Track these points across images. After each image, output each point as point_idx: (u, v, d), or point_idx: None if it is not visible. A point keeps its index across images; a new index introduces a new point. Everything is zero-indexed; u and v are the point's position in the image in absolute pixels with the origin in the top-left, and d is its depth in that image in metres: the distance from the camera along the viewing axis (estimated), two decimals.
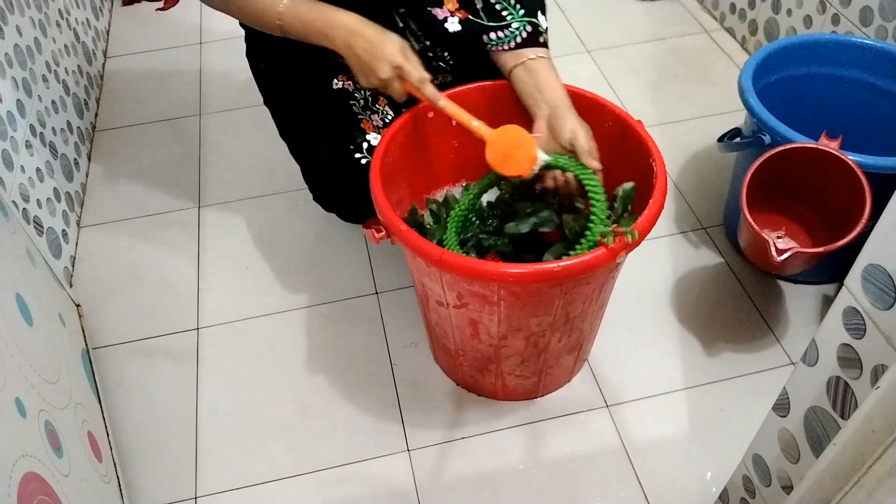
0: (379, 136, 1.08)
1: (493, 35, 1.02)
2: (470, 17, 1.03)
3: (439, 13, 1.04)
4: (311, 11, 0.98)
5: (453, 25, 1.04)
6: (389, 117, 1.12)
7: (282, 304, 1.32)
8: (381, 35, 0.96)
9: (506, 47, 1.02)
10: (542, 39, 1.04)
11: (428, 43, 1.10)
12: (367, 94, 1.12)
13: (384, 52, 0.95)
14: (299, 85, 1.12)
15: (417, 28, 1.08)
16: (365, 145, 1.09)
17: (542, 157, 0.97)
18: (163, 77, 1.85)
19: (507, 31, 1.02)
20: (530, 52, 1.02)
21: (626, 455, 1.10)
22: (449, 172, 1.14)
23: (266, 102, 1.20)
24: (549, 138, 0.99)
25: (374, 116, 1.11)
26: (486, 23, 1.03)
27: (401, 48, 0.96)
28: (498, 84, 1.07)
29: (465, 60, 1.12)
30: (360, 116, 1.10)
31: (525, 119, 1.06)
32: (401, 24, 1.07)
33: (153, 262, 1.41)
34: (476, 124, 0.98)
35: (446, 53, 1.11)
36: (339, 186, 1.12)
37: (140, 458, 1.13)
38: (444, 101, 0.97)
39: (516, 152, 0.97)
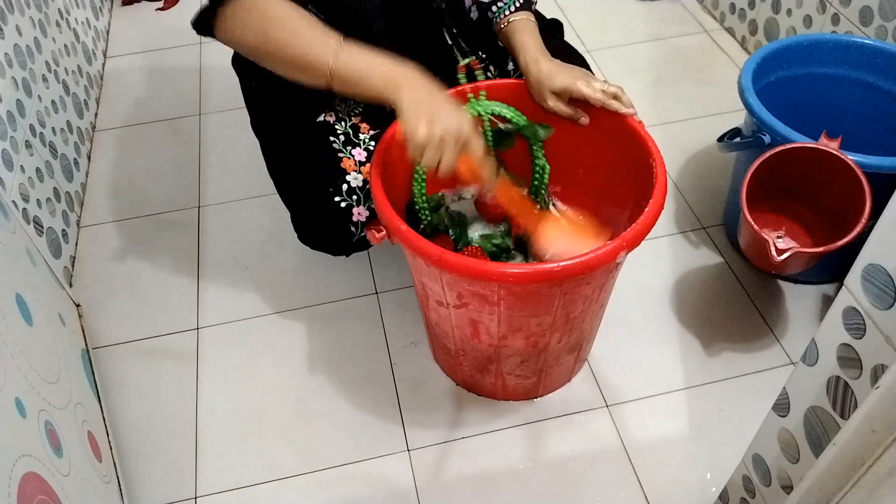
0: (360, 174, 1.05)
1: (494, 7, 1.05)
2: None
3: (467, 2, 1.06)
4: (371, 58, 0.90)
5: (473, 13, 1.06)
6: (372, 145, 1.08)
7: (282, 304, 1.32)
8: (450, 98, 0.90)
9: (507, 13, 1.04)
10: (533, 8, 1.08)
11: (484, 55, 1.12)
12: (349, 126, 1.08)
13: (460, 112, 0.88)
14: (284, 116, 1.09)
15: (467, 44, 1.10)
16: (345, 187, 1.04)
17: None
18: (163, 77, 1.85)
19: (503, 1, 1.05)
20: (515, 15, 1.04)
21: (626, 455, 1.10)
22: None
23: (253, 126, 1.17)
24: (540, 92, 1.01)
25: (356, 150, 1.07)
26: None
27: (473, 121, 0.89)
28: (500, 83, 1.07)
29: (493, 54, 1.14)
30: (340, 155, 1.06)
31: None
32: (449, 41, 1.08)
33: (153, 261, 1.41)
34: (528, 215, 0.98)
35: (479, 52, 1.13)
36: (320, 230, 1.09)
37: (140, 458, 1.13)
38: (496, 191, 0.96)
39: (579, 241, 0.94)
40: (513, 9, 1.05)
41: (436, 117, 0.84)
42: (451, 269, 0.85)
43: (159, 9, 2.07)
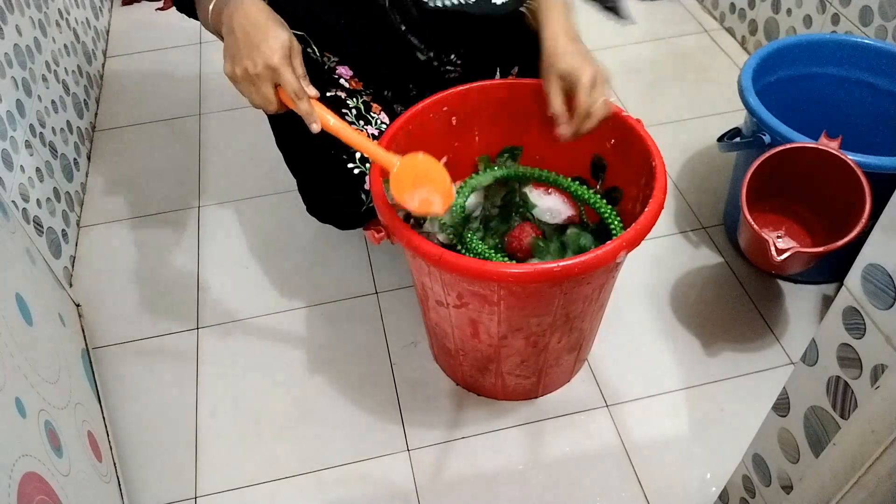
0: None
1: None
2: None
3: None
4: None
5: (501, 5, 0.99)
6: (385, 125, 1.10)
7: (282, 304, 1.32)
8: (272, 25, 0.84)
9: None
10: None
11: (432, 53, 1.09)
12: (360, 102, 1.10)
13: (265, 44, 0.82)
14: None
15: (419, 40, 1.07)
16: (358, 155, 1.06)
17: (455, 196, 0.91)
18: (163, 77, 1.85)
19: None
20: None
21: (626, 455, 1.10)
22: (452, 172, 1.14)
23: None
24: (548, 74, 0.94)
25: (368, 127, 1.09)
26: None
27: (287, 49, 0.83)
28: (499, 83, 1.07)
29: (474, 56, 1.11)
30: (353, 126, 1.08)
31: (526, 120, 1.06)
32: (414, 41, 1.06)
33: (153, 261, 1.41)
34: (377, 152, 0.87)
35: (453, 56, 1.10)
36: (331, 197, 1.09)
37: (140, 458, 1.13)
38: (324, 123, 0.85)
39: (428, 185, 0.86)
40: None
41: (241, 54, 0.82)
42: (451, 269, 0.85)
43: (159, 9, 2.07)
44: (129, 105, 1.77)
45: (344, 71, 1.09)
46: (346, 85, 1.09)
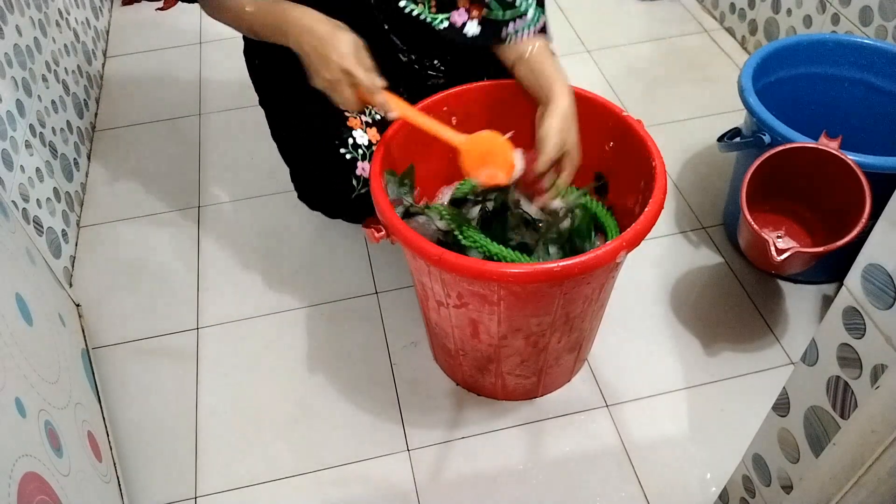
0: (366, 133, 1.06)
1: (510, 27, 1.00)
2: (485, 13, 1.00)
3: (457, 19, 1.01)
4: (271, 9, 0.95)
5: (473, 29, 1.01)
6: (378, 115, 1.11)
7: (282, 304, 1.32)
8: (333, 32, 0.91)
9: (527, 34, 0.99)
10: (548, 30, 1.04)
11: (414, 56, 1.09)
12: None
13: (334, 52, 0.89)
14: (290, 84, 1.12)
15: (402, 41, 1.07)
16: (350, 141, 1.07)
17: (520, 165, 0.95)
18: (163, 77, 1.85)
19: (524, 20, 1.00)
20: (534, 41, 1.00)
21: (626, 455, 1.10)
22: (450, 172, 1.14)
23: (261, 102, 1.20)
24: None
25: (361, 115, 1.10)
26: (502, 17, 1.00)
27: (354, 49, 0.90)
28: (499, 83, 1.07)
29: (457, 64, 1.11)
30: (346, 114, 1.08)
31: (525, 120, 1.06)
32: (396, 40, 1.06)
33: (153, 262, 1.41)
34: (446, 133, 0.94)
35: (435, 61, 1.10)
36: (321, 182, 1.10)
37: (140, 458, 1.13)
38: (396, 113, 0.92)
39: (492, 160, 0.94)
40: (537, 28, 1.00)
41: (318, 67, 0.90)
42: (451, 269, 0.85)
43: (159, 9, 2.07)
44: (129, 105, 1.77)
45: None
46: None
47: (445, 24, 1.01)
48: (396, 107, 0.93)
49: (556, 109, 0.95)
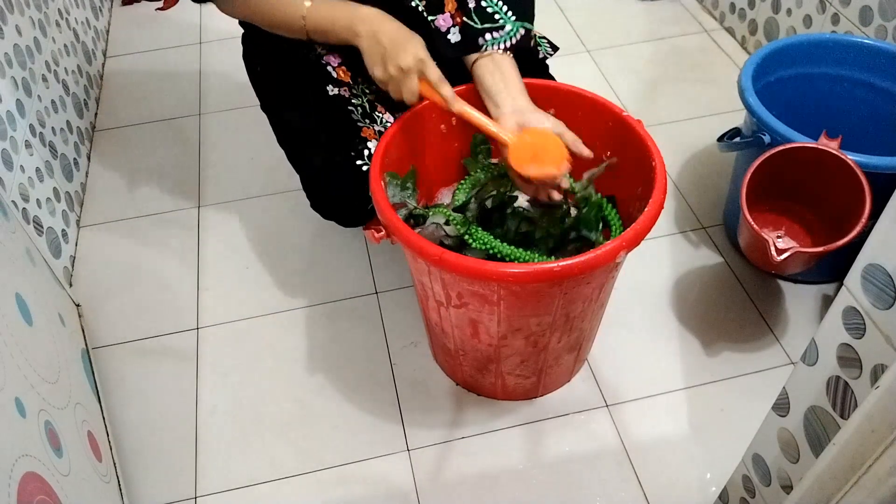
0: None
1: (487, 36, 1.02)
2: (465, 20, 1.03)
3: (442, 23, 1.03)
4: (335, 8, 0.99)
5: (455, 36, 1.04)
6: (389, 124, 1.11)
7: (282, 304, 1.32)
8: (406, 30, 0.97)
9: (500, 47, 1.02)
10: (532, 43, 1.05)
11: None
12: (366, 101, 1.11)
13: (409, 43, 0.94)
14: (295, 91, 1.12)
15: None
16: (366, 152, 1.08)
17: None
18: (163, 77, 1.85)
19: (501, 32, 1.02)
20: (499, 49, 1.03)
21: (626, 455, 1.10)
22: (449, 173, 1.14)
23: (263, 107, 1.20)
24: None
25: (374, 125, 1.10)
26: (479, 26, 1.02)
27: (423, 46, 0.96)
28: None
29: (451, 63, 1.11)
30: (359, 124, 1.09)
31: None
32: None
33: (153, 261, 1.41)
34: (495, 129, 0.97)
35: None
36: (338, 193, 1.11)
37: (140, 458, 1.13)
38: (459, 105, 0.96)
39: (544, 155, 0.96)
40: (512, 42, 1.02)
41: (389, 56, 0.94)
42: (451, 269, 0.85)
43: (159, 9, 2.07)
44: (129, 105, 1.77)
45: (332, 59, 1.09)
46: (333, 74, 1.10)
47: (433, 27, 1.03)
48: (458, 101, 0.97)
49: (504, 112, 0.99)
